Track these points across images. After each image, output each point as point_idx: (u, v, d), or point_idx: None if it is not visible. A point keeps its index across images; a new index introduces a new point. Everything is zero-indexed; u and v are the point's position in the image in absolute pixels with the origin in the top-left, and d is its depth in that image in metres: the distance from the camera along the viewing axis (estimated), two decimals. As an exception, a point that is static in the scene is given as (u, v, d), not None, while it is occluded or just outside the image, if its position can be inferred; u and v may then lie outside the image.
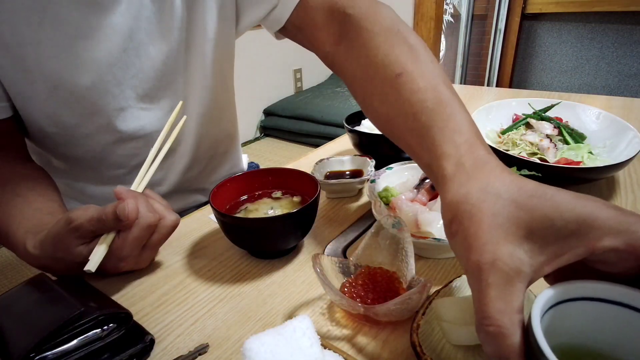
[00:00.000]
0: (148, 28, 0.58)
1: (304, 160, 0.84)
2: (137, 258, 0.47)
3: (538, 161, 0.64)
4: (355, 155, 0.72)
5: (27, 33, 0.51)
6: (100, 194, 0.71)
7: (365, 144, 0.74)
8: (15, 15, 0.50)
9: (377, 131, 0.76)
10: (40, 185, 0.58)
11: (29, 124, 0.60)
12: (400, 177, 0.63)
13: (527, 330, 0.26)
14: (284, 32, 0.63)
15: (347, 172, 0.71)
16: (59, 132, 0.61)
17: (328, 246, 0.55)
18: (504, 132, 0.79)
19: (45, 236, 0.46)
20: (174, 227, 0.49)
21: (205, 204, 0.82)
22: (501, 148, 0.68)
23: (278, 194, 0.58)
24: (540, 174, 0.57)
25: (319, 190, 0.50)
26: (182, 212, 0.79)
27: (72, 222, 0.43)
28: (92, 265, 0.43)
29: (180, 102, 0.57)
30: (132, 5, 0.56)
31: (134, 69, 0.59)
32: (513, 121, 0.83)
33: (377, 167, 0.66)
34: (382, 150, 0.72)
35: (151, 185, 0.55)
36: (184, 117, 0.58)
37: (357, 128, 0.78)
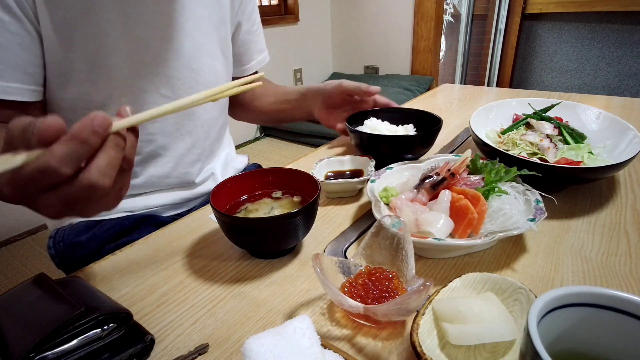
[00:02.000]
0: (175, 25, 0.67)
1: (304, 160, 0.84)
2: (39, 202, 0.35)
3: (538, 161, 0.64)
4: (355, 155, 0.72)
5: (77, 16, 0.58)
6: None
7: (366, 144, 0.74)
8: (67, 2, 0.57)
9: (378, 131, 0.76)
10: None
11: (59, 103, 0.65)
12: (400, 177, 0.63)
13: (524, 333, 0.26)
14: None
15: (347, 172, 0.71)
16: (86, 112, 0.63)
17: (328, 246, 0.55)
18: (504, 132, 0.79)
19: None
20: (93, 192, 0.34)
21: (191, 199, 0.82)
22: (501, 148, 0.67)
23: (278, 194, 0.58)
24: (540, 174, 0.57)
25: (319, 190, 0.50)
26: (178, 203, 0.80)
27: (9, 123, 0.34)
28: None
29: (262, 73, 0.56)
30: (168, 5, 0.65)
31: (159, 59, 0.67)
32: (513, 121, 0.83)
33: (377, 167, 0.66)
34: (382, 150, 0.72)
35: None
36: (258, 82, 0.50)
37: (358, 128, 0.78)
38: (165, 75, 0.69)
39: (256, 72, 0.95)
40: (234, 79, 0.87)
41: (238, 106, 0.99)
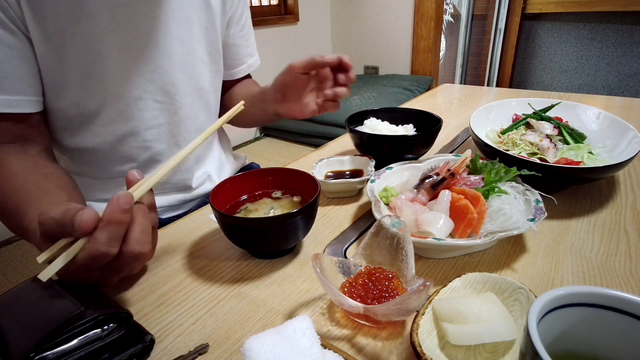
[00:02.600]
0: (167, 30, 0.66)
1: (304, 160, 0.84)
2: (93, 278, 0.42)
3: (538, 161, 0.64)
4: (355, 155, 0.72)
5: (67, 26, 0.58)
6: (103, 195, 0.73)
7: (366, 144, 0.74)
8: (58, 10, 0.56)
9: (378, 131, 0.76)
10: (61, 181, 0.58)
11: (54, 113, 0.65)
12: (400, 177, 0.63)
13: (524, 333, 0.26)
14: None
15: (347, 172, 0.71)
16: (81, 120, 0.66)
17: (328, 246, 0.55)
18: (504, 132, 0.79)
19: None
20: (138, 260, 0.42)
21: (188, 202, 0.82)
22: (501, 148, 0.67)
23: (278, 194, 0.58)
24: (540, 174, 0.57)
25: (319, 190, 0.50)
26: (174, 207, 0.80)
27: (40, 216, 0.40)
28: (44, 274, 0.39)
29: (241, 102, 0.60)
30: (158, 9, 0.64)
31: (153, 65, 0.66)
32: (513, 121, 0.83)
33: (378, 167, 0.66)
34: (382, 150, 0.72)
35: None
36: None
37: (358, 128, 0.78)
38: (158, 82, 0.68)
39: (249, 76, 0.93)
40: (224, 82, 0.85)
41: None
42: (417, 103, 1.26)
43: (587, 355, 0.29)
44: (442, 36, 3.41)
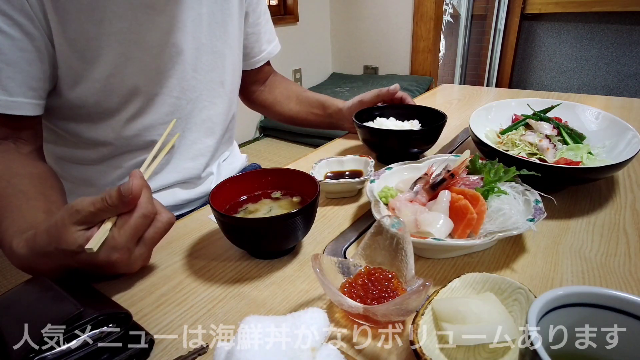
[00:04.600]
0: (182, 26, 0.68)
1: (304, 160, 0.84)
2: (130, 252, 0.45)
3: (537, 161, 0.64)
4: (355, 155, 0.72)
5: (91, 29, 0.59)
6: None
7: (374, 139, 0.76)
8: (81, 14, 0.57)
9: (385, 127, 0.79)
10: (45, 185, 0.58)
11: (76, 109, 0.66)
12: (399, 178, 0.63)
13: (523, 333, 0.26)
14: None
15: (347, 172, 0.71)
16: (102, 117, 0.68)
17: (328, 246, 0.55)
18: (503, 132, 0.79)
19: (34, 234, 0.46)
20: (169, 224, 0.48)
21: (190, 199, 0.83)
22: (500, 148, 0.67)
23: (278, 194, 0.58)
24: (539, 174, 0.57)
25: (319, 191, 0.50)
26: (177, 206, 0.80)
27: (72, 207, 0.43)
28: (94, 243, 0.42)
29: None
30: (177, 8, 0.66)
31: (170, 63, 0.69)
32: (512, 121, 0.83)
33: (385, 162, 0.67)
34: (390, 145, 0.74)
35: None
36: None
37: (366, 124, 0.79)
38: (175, 78, 0.70)
39: (268, 63, 0.97)
40: (244, 72, 0.88)
41: (259, 107, 1.02)
42: (417, 103, 1.26)
43: (587, 355, 0.29)
44: (442, 36, 3.41)
